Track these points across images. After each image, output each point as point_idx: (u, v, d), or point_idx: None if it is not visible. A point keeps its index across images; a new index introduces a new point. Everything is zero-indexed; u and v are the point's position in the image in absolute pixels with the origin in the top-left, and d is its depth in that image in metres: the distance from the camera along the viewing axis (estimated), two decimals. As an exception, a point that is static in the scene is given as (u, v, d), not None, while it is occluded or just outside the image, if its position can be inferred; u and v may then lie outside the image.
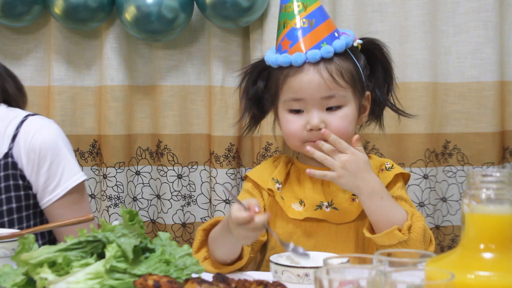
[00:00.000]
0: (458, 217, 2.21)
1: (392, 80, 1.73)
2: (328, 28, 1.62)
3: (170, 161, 2.28)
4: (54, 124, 1.73)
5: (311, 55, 1.58)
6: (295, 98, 1.61)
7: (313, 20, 1.61)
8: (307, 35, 1.60)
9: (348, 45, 1.63)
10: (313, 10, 1.62)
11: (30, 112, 1.74)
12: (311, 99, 1.59)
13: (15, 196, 1.65)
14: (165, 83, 2.27)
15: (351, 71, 1.61)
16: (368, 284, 0.89)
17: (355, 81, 1.62)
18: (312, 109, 1.59)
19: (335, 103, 1.60)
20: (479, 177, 1.00)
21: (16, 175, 1.65)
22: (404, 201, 1.62)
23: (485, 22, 2.15)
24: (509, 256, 0.97)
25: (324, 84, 1.58)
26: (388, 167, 1.66)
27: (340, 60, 1.60)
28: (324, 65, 1.58)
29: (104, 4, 2.16)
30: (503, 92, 2.19)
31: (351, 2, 2.15)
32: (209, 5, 2.12)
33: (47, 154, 1.66)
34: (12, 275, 1.20)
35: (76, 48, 2.28)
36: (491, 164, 2.18)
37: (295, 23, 1.61)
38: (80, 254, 1.20)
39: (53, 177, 1.67)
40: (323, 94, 1.58)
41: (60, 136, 1.71)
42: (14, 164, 1.65)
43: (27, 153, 1.65)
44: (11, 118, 1.70)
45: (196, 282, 1.10)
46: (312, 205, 1.63)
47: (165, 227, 2.29)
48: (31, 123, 1.69)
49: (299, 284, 1.31)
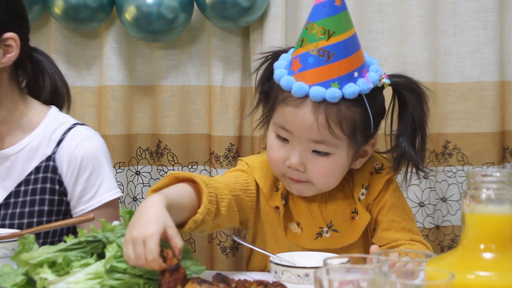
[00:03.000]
0: (458, 217, 2.21)
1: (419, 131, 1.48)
2: (349, 64, 1.40)
3: (170, 161, 2.28)
4: (99, 137, 1.73)
5: (314, 93, 1.39)
6: (284, 127, 1.44)
7: (333, 53, 1.38)
8: (319, 68, 1.39)
9: (363, 92, 1.41)
10: (338, 42, 1.39)
11: (79, 122, 1.74)
12: (299, 137, 1.43)
13: (49, 200, 1.65)
14: (165, 83, 2.27)
15: (354, 121, 1.42)
16: (368, 284, 0.89)
17: (356, 132, 1.43)
18: (297, 147, 1.43)
19: (324, 150, 1.43)
20: (479, 177, 1.00)
21: (54, 179, 1.66)
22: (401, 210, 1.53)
23: (485, 22, 2.15)
24: (509, 256, 0.97)
25: (317, 129, 1.40)
26: (377, 168, 1.54)
27: (345, 106, 1.40)
28: (325, 108, 1.39)
29: (104, 4, 2.16)
30: (503, 92, 2.19)
31: (351, 2, 2.15)
32: (209, 5, 2.12)
33: (88, 164, 1.66)
34: (12, 275, 1.20)
35: (76, 48, 2.28)
36: (491, 164, 2.18)
37: (312, 48, 1.39)
38: (80, 254, 1.20)
39: (90, 188, 1.67)
40: (313, 137, 1.41)
41: (103, 149, 1.71)
42: (55, 168, 1.66)
43: (68, 160, 1.66)
44: (60, 123, 1.70)
45: (196, 282, 1.10)
46: (311, 233, 1.52)
47: (165, 227, 2.28)
48: (78, 132, 1.69)
49: (299, 284, 1.31)
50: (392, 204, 1.53)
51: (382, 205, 1.53)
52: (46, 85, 1.74)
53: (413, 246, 1.47)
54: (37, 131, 1.69)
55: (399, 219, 1.53)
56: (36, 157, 1.67)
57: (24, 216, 1.64)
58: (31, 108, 1.71)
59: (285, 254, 1.42)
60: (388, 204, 1.53)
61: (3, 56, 1.61)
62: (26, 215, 1.64)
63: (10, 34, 1.61)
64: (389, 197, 1.54)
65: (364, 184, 1.53)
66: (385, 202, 1.53)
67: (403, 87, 1.48)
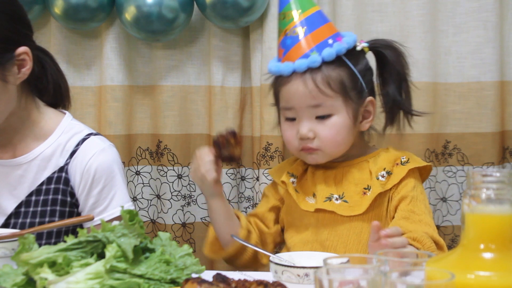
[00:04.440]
0: (458, 217, 2.21)
1: (403, 81, 1.69)
2: (322, 34, 1.62)
3: (170, 161, 2.28)
4: (113, 149, 1.71)
5: (297, 65, 1.60)
6: (286, 107, 1.65)
7: (304, 28, 1.61)
8: (296, 45, 1.61)
9: (340, 52, 1.61)
10: (308, 16, 1.62)
11: (93, 131, 1.71)
12: (299, 108, 1.62)
13: (60, 211, 1.63)
14: (165, 83, 2.27)
15: (341, 79, 1.61)
16: (368, 284, 0.89)
17: (346, 89, 1.61)
18: (302, 118, 1.63)
19: (324, 112, 1.61)
20: (479, 177, 1.00)
21: (66, 191, 1.64)
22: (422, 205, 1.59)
23: (485, 22, 2.15)
24: (509, 256, 0.97)
25: (309, 94, 1.60)
26: (403, 161, 1.65)
27: (329, 68, 1.60)
28: (310, 75, 1.59)
29: (104, 4, 2.16)
30: (503, 92, 2.19)
31: (351, 3, 2.15)
32: (209, 5, 2.12)
33: (102, 177, 1.65)
34: (12, 275, 1.20)
35: (76, 48, 2.28)
36: (491, 164, 2.18)
37: (287, 31, 1.63)
38: (80, 254, 1.20)
39: (102, 201, 1.66)
40: (309, 103, 1.61)
41: (117, 162, 1.69)
42: (67, 180, 1.64)
43: (81, 173, 1.64)
44: (74, 132, 1.68)
45: (196, 282, 1.10)
46: (322, 197, 1.65)
47: (165, 227, 2.29)
48: (92, 143, 1.67)
49: (299, 284, 1.31)
50: (415, 197, 1.61)
51: (405, 195, 1.61)
52: (50, 85, 1.72)
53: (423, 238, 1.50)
54: (50, 139, 1.67)
55: (419, 211, 1.59)
56: (48, 167, 1.66)
57: (34, 226, 1.62)
58: (44, 115, 1.68)
59: (285, 254, 1.42)
60: (411, 195, 1.61)
61: (19, 71, 1.58)
62: (37, 225, 1.62)
63: (22, 49, 1.58)
64: (412, 188, 1.62)
65: (386, 168, 1.64)
66: (407, 192, 1.61)
67: (381, 46, 1.69)
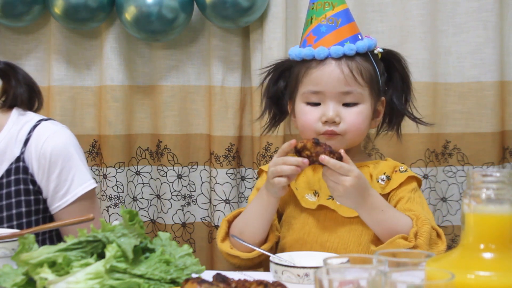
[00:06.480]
0: (458, 217, 2.21)
1: (409, 90, 1.76)
2: (352, 29, 1.68)
3: (170, 161, 2.28)
4: (67, 130, 1.72)
5: (334, 50, 1.63)
6: (314, 91, 1.65)
7: (340, 19, 1.67)
8: (332, 32, 1.66)
9: (370, 48, 1.68)
10: (340, 11, 1.67)
11: (44, 117, 1.73)
12: (330, 92, 1.63)
13: (25, 201, 1.64)
14: (165, 83, 2.27)
15: (370, 72, 1.66)
16: (368, 284, 0.89)
17: (373, 82, 1.67)
18: (329, 102, 1.63)
19: (352, 100, 1.64)
20: (479, 177, 1.00)
21: (27, 180, 1.65)
22: (420, 205, 1.62)
23: (485, 22, 2.15)
24: (509, 256, 0.97)
25: (344, 79, 1.63)
26: (402, 170, 1.68)
27: (361, 60, 1.66)
28: (346, 62, 1.64)
29: (104, 4, 2.16)
30: (503, 92, 2.19)
31: (351, 2, 2.14)
32: (209, 5, 2.12)
33: (58, 160, 1.66)
34: (12, 275, 1.20)
35: (76, 48, 2.28)
36: (491, 164, 2.18)
37: (322, 19, 1.66)
38: (80, 254, 1.20)
39: (63, 183, 1.67)
40: (342, 89, 1.63)
41: (72, 142, 1.70)
42: (25, 168, 1.65)
43: (38, 158, 1.65)
44: (24, 122, 1.69)
45: (196, 282, 1.10)
46: (325, 194, 1.65)
47: (165, 227, 2.29)
48: (44, 128, 1.68)
49: (299, 284, 1.31)
50: (412, 198, 1.63)
51: (403, 196, 1.63)
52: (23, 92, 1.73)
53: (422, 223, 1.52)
54: (2, 134, 1.67)
55: (416, 209, 1.59)
56: (5, 160, 1.66)
57: (3, 221, 1.63)
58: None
59: (285, 254, 1.42)
60: (408, 195, 1.63)
61: None
62: (5, 219, 1.63)
63: None
64: (410, 190, 1.64)
65: (386, 173, 1.66)
66: (404, 194, 1.63)
67: (391, 56, 1.75)
